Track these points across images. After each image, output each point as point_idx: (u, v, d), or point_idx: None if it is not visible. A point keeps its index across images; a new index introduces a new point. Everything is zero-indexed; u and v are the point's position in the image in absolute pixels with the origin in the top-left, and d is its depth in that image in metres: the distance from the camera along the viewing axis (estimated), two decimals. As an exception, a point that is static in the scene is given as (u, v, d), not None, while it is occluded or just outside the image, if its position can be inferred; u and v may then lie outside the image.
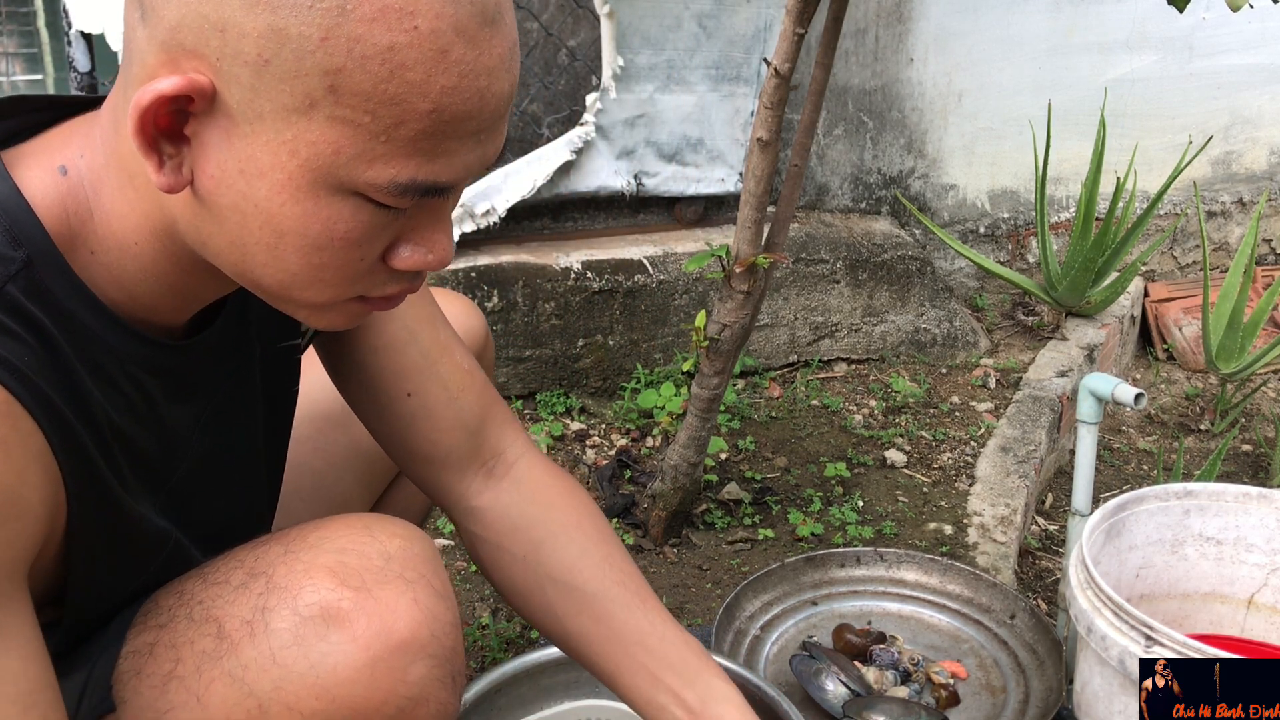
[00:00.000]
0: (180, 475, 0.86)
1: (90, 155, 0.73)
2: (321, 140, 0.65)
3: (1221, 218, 3.35)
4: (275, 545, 0.82)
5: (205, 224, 0.70)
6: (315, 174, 0.67)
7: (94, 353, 0.73)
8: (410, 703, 0.79)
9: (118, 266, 0.74)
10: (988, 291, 2.98)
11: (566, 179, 2.35)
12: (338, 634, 0.77)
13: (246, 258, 0.71)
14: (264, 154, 0.66)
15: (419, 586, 0.80)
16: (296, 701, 0.77)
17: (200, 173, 0.68)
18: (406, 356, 1.01)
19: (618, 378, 2.34)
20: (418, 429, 1.03)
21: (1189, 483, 1.47)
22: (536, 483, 1.07)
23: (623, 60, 2.29)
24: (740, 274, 1.67)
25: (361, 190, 0.68)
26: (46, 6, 2.45)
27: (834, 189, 2.82)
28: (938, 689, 1.45)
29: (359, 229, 0.70)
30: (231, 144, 0.66)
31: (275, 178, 0.67)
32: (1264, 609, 1.46)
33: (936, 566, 1.64)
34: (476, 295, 2.17)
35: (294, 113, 0.65)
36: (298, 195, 0.67)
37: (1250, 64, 3.20)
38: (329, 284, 0.73)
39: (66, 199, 0.72)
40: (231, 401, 0.90)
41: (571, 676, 1.33)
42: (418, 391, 1.02)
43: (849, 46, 2.70)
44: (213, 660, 0.78)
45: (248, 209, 0.68)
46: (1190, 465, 2.43)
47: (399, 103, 0.64)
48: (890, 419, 2.36)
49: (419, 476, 1.06)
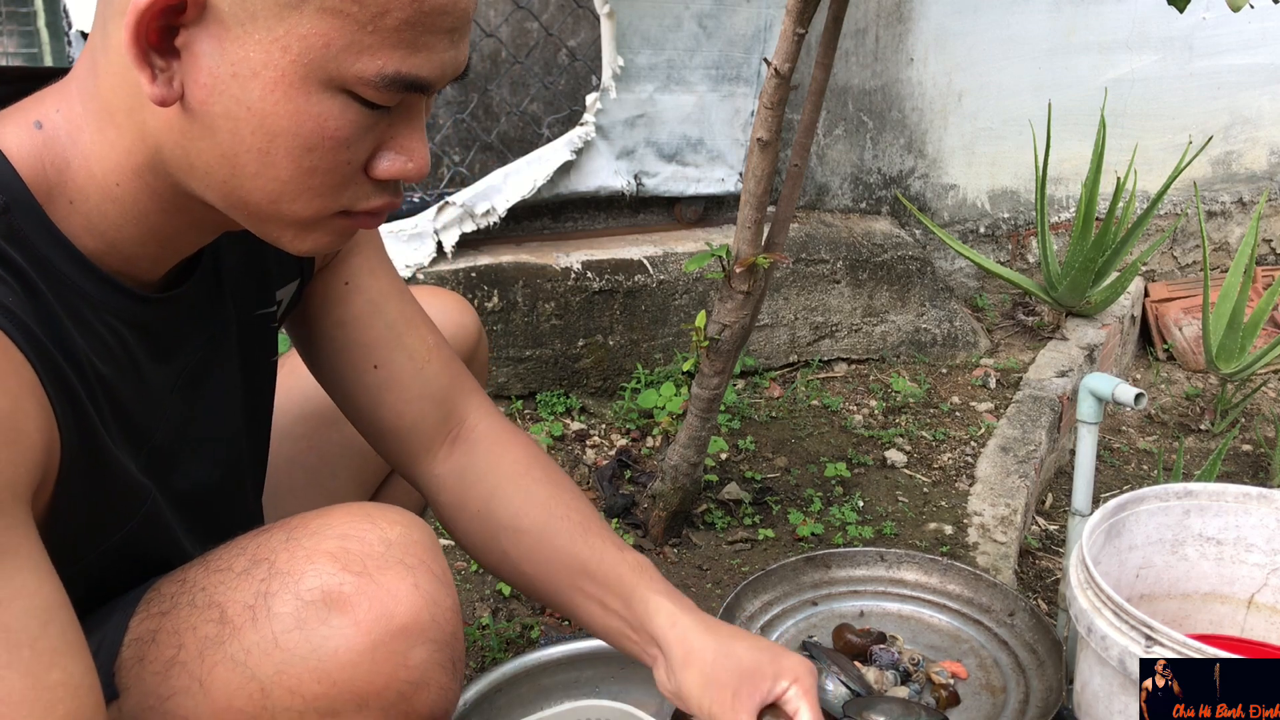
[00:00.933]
0: (159, 436, 0.86)
1: (66, 108, 0.74)
2: (312, 33, 0.68)
3: (1221, 218, 3.35)
4: (278, 532, 0.83)
5: (195, 139, 0.72)
6: (307, 69, 0.69)
7: (74, 301, 0.75)
8: (411, 687, 0.79)
9: (97, 214, 0.75)
10: (988, 291, 2.98)
11: (566, 179, 2.35)
12: (339, 618, 0.77)
13: (237, 170, 0.73)
14: (257, 53, 0.68)
15: (419, 572, 0.81)
16: (298, 685, 0.77)
17: (192, 83, 0.70)
18: (372, 330, 1.03)
19: (618, 378, 2.34)
20: (385, 401, 1.04)
21: (1189, 483, 1.47)
22: (491, 440, 1.08)
23: (623, 60, 2.29)
24: (740, 274, 1.67)
25: (350, 85, 0.70)
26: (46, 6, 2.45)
27: (834, 189, 2.82)
28: (938, 689, 1.45)
29: (347, 127, 0.72)
30: (223, 49, 0.69)
31: (268, 76, 0.69)
32: (1264, 609, 1.46)
33: (936, 566, 1.64)
34: (476, 295, 2.17)
35: (286, 8, 0.67)
36: (290, 93, 0.70)
37: (1250, 64, 3.20)
38: (317, 192, 0.75)
39: (42, 151, 0.74)
40: (208, 367, 0.91)
41: (571, 676, 1.33)
42: (384, 363, 1.03)
43: (849, 46, 2.70)
44: (215, 645, 0.78)
45: (240, 113, 0.70)
46: (1190, 465, 2.43)
47: None
48: (890, 419, 2.36)
49: (388, 451, 1.08)
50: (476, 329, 1.32)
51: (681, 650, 0.96)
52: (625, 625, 1.00)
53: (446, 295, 1.32)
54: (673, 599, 0.99)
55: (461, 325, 1.29)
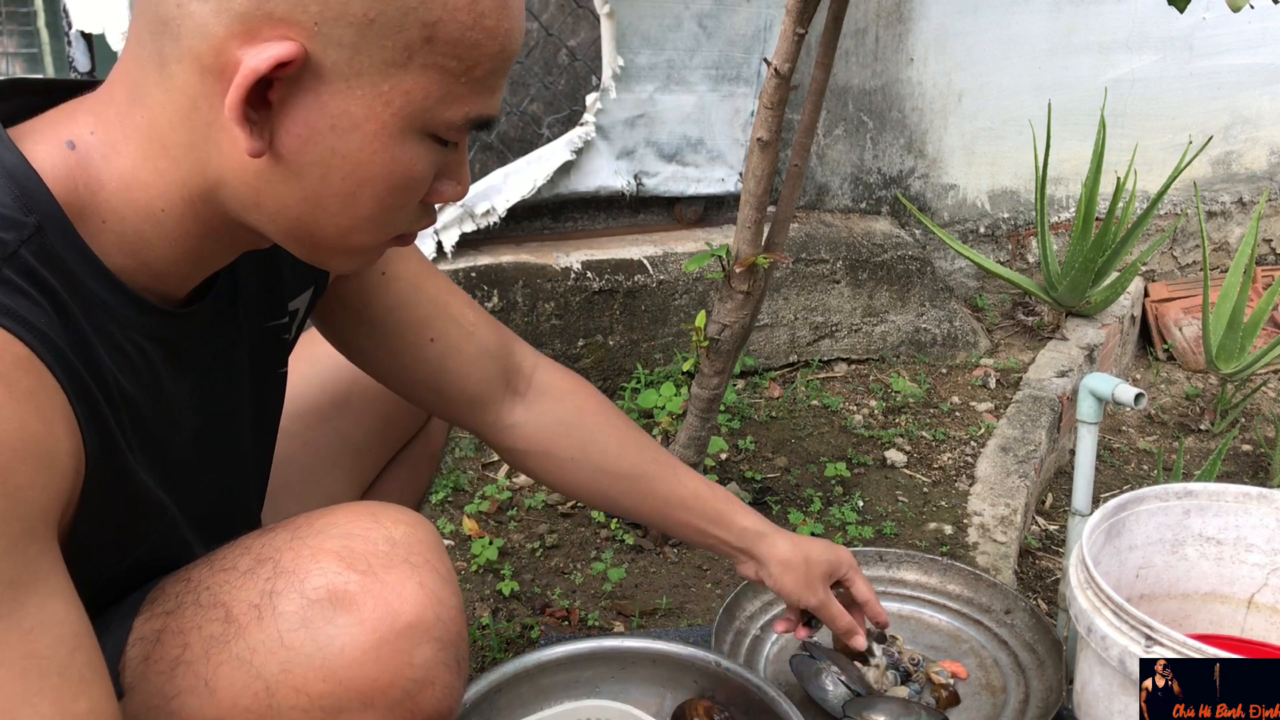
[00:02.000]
0: (177, 450, 0.87)
1: (103, 131, 0.75)
2: (415, 88, 0.72)
3: (1221, 218, 3.35)
4: (282, 532, 0.83)
5: (275, 183, 0.74)
6: (406, 121, 0.73)
7: (101, 319, 0.75)
8: (416, 685, 0.80)
9: (133, 233, 0.76)
10: (988, 291, 2.98)
11: (566, 179, 2.35)
12: (344, 617, 0.78)
13: (316, 210, 0.75)
14: (359, 107, 0.71)
15: (424, 571, 0.81)
16: (304, 684, 0.78)
17: (284, 134, 0.72)
18: (419, 308, 1.08)
19: (618, 378, 2.34)
20: (448, 369, 1.12)
21: (1189, 483, 1.47)
22: (560, 388, 1.21)
23: (623, 60, 2.29)
24: (740, 274, 1.67)
25: (436, 130, 0.75)
26: (46, 6, 2.45)
27: (834, 189, 2.82)
28: (938, 689, 1.45)
29: (428, 168, 0.77)
30: (322, 102, 0.71)
31: (369, 129, 0.72)
32: (1264, 609, 1.45)
33: (936, 566, 1.64)
34: (477, 295, 2.17)
35: (392, 65, 0.70)
36: (388, 143, 0.73)
37: (1250, 64, 3.20)
38: (387, 225, 0.78)
39: (75, 171, 0.74)
40: (221, 380, 0.92)
41: (571, 676, 1.33)
42: (440, 335, 1.10)
43: (849, 46, 2.70)
44: (220, 644, 0.79)
45: (334, 162, 0.73)
46: (1190, 465, 2.43)
47: (477, 46, 0.72)
48: (890, 419, 2.36)
49: (457, 413, 1.17)
50: None
51: (776, 559, 1.27)
52: (721, 543, 1.27)
53: None
54: (759, 521, 1.27)
55: None
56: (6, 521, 0.64)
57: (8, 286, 0.67)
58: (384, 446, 1.32)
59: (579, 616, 1.68)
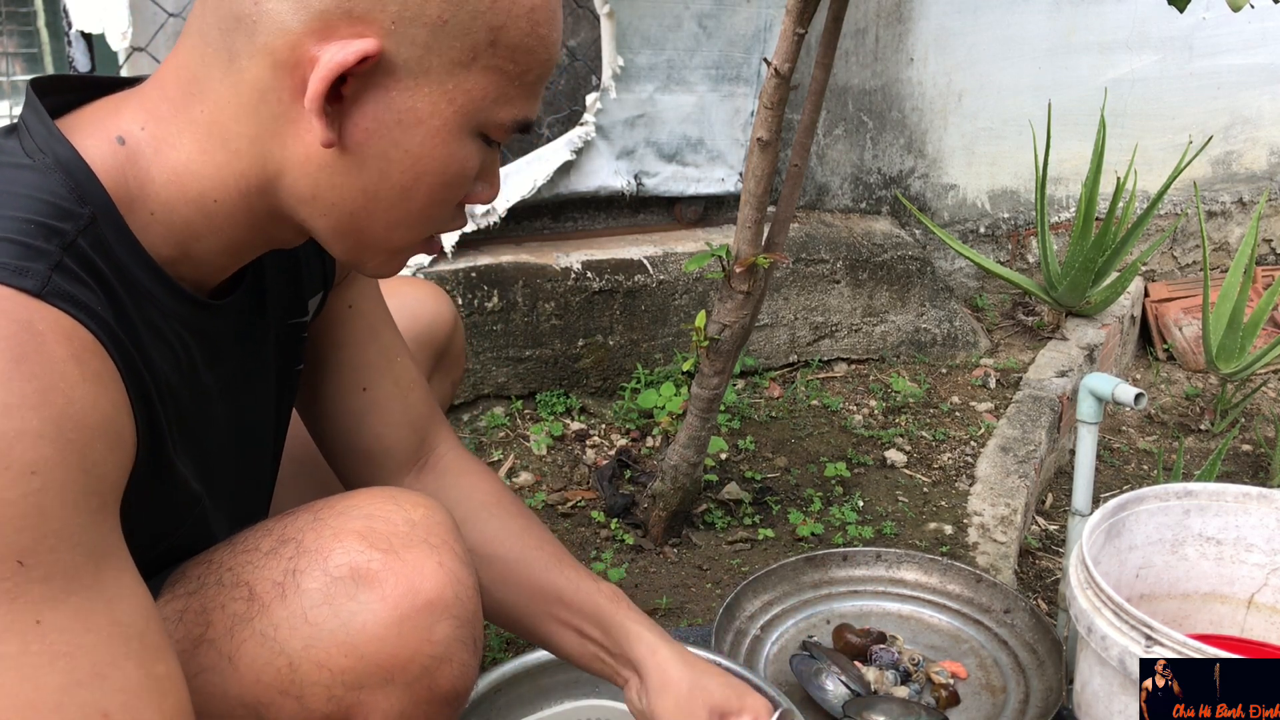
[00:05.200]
0: (211, 441, 0.89)
1: (154, 126, 0.77)
2: (476, 88, 0.76)
3: (1221, 218, 3.35)
4: (303, 514, 0.86)
5: (337, 174, 0.77)
6: (466, 118, 0.77)
7: (147, 308, 0.77)
8: (435, 661, 0.82)
9: (182, 224, 0.78)
10: (988, 291, 2.98)
11: (566, 179, 2.35)
12: (367, 593, 0.80)
13: (371, 203, 0.78)
14: (424, 104, 0.75)
15: (443, 551, 0.83)
16: (327, 659, 0.79)
17: (353, 126, 0.75)
18: (368, 354, 1.07)
19: (618, 378, 2.34)
20: (366, 424, 1.08)
21: (1189, 483, 1.47)
22: (458, 470, 1.13)
23: (623, 60, 2.29)
24: (740, 274, 1.67)
25: (487, 130, 0.79)
26: (46, 6, 2.45)
27: (834, 189, 2.82)
28: (938, 689, 1.45)
29: (475, 166, 0.80)
30: (390, 98, 0.74)
31: (433, 124, 0.76)
32: (1264, 609, 1.46)
33: (936, 566, 1.64)
34: (476, 295, 2.17)
35: (458, 65, 0.75)
36: (447, 139, 0.77)
37: (1250, 64, 3.20)
38: (430, 222, 0.82)
39: (125, 166, 0.76)
40: (250, 373, 0.94)
41: (571, 676, 1.33)
42: (373, 387, 1.08)
43: (849, 46, 2.70)
44: (244, 622, 0.81)
45: (396, 155, 0.76)
46: (1190, 465, 2.43)
47: (532, 52, 0.77)
48: (890, 419, 2.36)
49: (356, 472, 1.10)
50: (453, 317, 1.35)
51: (659, 677, 1.04)
52: (601, 650, 1.07)
53: (422, 284, 1.35)
54: (650, 629, 1.06)
55: (438, 313, 1.32)
56: (87, 496, 0.67)
57: (69, 275, 0.70)
58: None
59: (579, 616, 1.68)
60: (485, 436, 2.14)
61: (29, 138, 0.75)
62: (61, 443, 0.65)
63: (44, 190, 0.72)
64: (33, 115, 0.76)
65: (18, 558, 0.63)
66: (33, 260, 0.68)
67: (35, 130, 0.75)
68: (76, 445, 0.66)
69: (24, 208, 0.70)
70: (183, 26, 0.84)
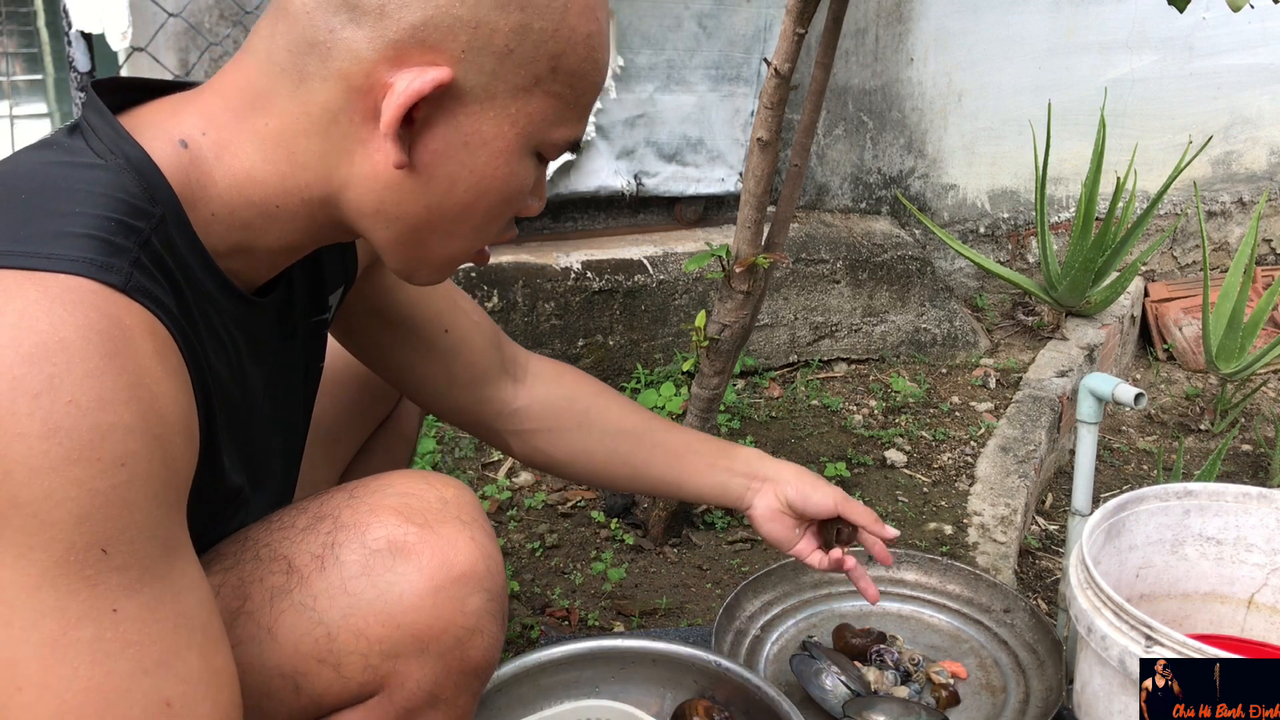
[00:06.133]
0: (255, 435, 0.92)
1: (215, 132, 0.80)
2: (536, 112, 0.80)
3: (1221, 218, 3.35)
4: (339, 494, 0.89)
5: (404, 192, 0.80)
6: (527, 139, 0.81)
7: (205, 307, 0.80)
8: (467, 633, 0.85)
9: (241, 225, 0.82)
10: (988, 291, 2.98)
11: (566, 179, 2.35)
12: (404, 565, 0.83)
13: (435, 218, 0.82)
14: (490, 127, 0.79)
15: (474, 527, 0.87)
16: (365, 628, 0.82)
17: (422, 149, 0.79)
18: (435, 301, 1.16)
19: (618, 378, 2.34)
20: (461, 358, 1.19)
21: (1189, 483, 1.47)
22: (552, 372, 1.28)
23: (623, 60, 2.29)
24: (740, 274, 1.67)
25: (544, 150, 0.83)
26: (46, 6, 2.45)
27: (834, 189, 2.82)
28: (938, 689, 1.45)
29: (530, 183, 0.85)
30: (458, 122, 0.78)
31: (496, 146, 0.80)
32: (1264, 609, 1.46)
33: (936, 566, 1.64)
34: (476, 295, 2.17)
35: (521, 91, 0.79)
36: (509, 159, 0.81)
37: (1250, 64, 3.20)
38: (485, 234, 0.86)
39: (189, 169, 0.79)
40: (286, 370, 0.97)
41: (571, 676, 1.33)
42: (453, 326, 1.18)
43: (849, 46, 2.70)
44: (283, 594, 0.83)
45: (461, 175, 0.80)
46: (1190, 465, 2.43)
47: (587, 76, 0.82)
48: (890, 419, 2.36)
49: (463, 401, 1.22)
50: None
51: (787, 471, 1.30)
52: (731, 474, 1.29)
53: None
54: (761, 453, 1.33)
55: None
56: (167, 489, 0.70)
57: (145, 272, 0.72)
58: (357, 430, 1.37)
59: (579, 616, 1.68)
60: (485, 436, 2.14)
61: (95, 138, 0.77)
62: (148, 437, 0.67)
63: (119, 189, 0.74)
64: (97, 116, 0.78)
65: (102, 546, 0.66)
66: (115, 256, 0.70)
67: (101, 131, 0.77)
68: (161, 440, 0.69)
69: (104, 206, 0.72)
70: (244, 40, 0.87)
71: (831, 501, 1.28)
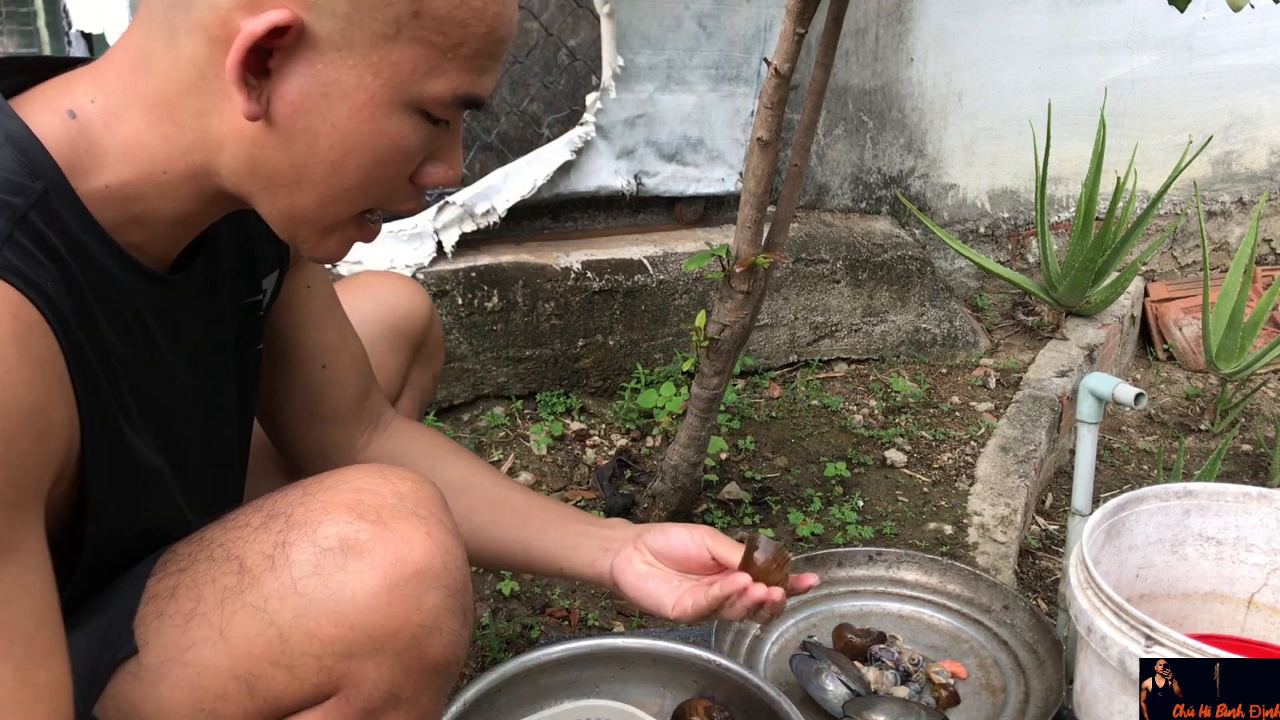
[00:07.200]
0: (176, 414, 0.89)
1: (103, 98, 0.78)
2: (402, 60, 0.75)
3: (1221, 218, 3.35)
4: (293, 490, 0.87)
5: (268, 149, 0.77)
6: (394, 92, 0.76)
7: (102, 284, 0.78)
8: (424, 630, 0.82)
9: (134, 195, 0.79)
10: (988, 291, 2.98)
11: (566, 179, 2.35)
12: (356, 563, 0.81)
13: (302, 177, 0.78)
14: (350, 77, 0.75)
15: (431, 522, 0.84)
16: (317, 629, 0.80)
17: (279, 100, 0.75)
18: (327, 332, 1.11)
19: (618, 378, 2.34)
20: (327, 397, 1.14)
21: (1189, 483, 1.47)
22: (411, 428, 1.23)
23: (623, 60, 2.29)
24: (740, 274, 1.67)
25: (425, 105, 0.78)
26: (46, 6, 2.45)
27: (834, 189, 2.82)
28: (938, 689, 1.45)
29: (414, 144, 0.80)
30: (316, 71, 0.75)
31: (358, 98, 0.76)
32: (1264, 609, 1.46)
33: (936, 566, 1.64)
34: (476, 295, 2.17)
35: (381, 38, 0.74)
36: (376, 113, 0.77)
37: (1250, 64, 3.20)
38: (367, 197, 0.81)
39: (77, 139, 0.77)
40: (210, 350, 0.95)
41: (571, 676, 1.33)
42: (332, 363, 1.13)
43: (849, 46, 2.70)
44: (235, 595, 0.81)
45: (322, 129, 0.76)
46: (1190, 465, 2.43)
47: (464, 25, 0.76)
48: (890, 419, 2.36)
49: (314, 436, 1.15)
50: (428, 308, 1.37)
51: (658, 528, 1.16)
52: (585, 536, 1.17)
53: (396, 277, 1.38)
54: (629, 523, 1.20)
55: (413, 304, 1.35)
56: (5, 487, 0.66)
57: (19, 250, 0.69)
58: None
59: (579, 616, 1.68)
60: (485, 436, 2.14)
61: None
62: None
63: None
64: None
65: None
66: None
67: None
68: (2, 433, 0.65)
69: None
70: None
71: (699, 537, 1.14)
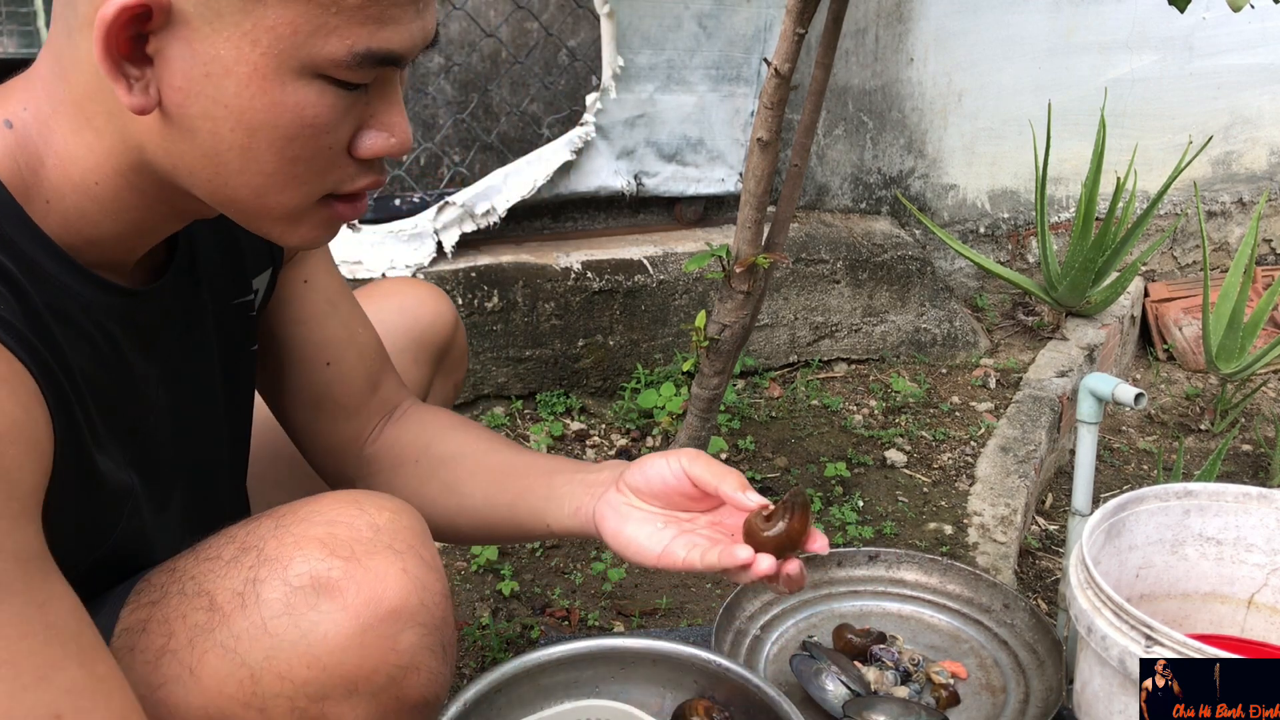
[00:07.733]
0: (146, 428, 0.87)
1: (34, 107, 0.74)
2: (279, 22, 0.69)
3: (1221, 218, 3.35)
4: (266, 520, 0.83)
5: (176, 141, 0.73)
6: (279, 59, 0.70)
7: (60, 301, 0.75)
8: (401, 670, 0.79)
9: (75, 211, 0.75)
10: (988, 291, 2.98)
11: (566, 179, 2.35)
12: (328, 603, 0.77)
13: (220, 168, 0.73)
14: (227, 50, 0.69)
15: (408, 557, 0.81)
16: (288, 670, 0.77)
17: (167, 88, 0.70)
18: (329, 328, 1.07)
19: (618, 378, 2.34)
20: (333, 395, 1.09)
21: (1189, 483, 1.47)
22: (417, 412, 1.16)
23: (623, 60, 2.29)
24: (740, 274, 1.67)
25: (323, 69, 0.71)
26: (46, 6, 2.45)
27: (834, 189, 2.82)
28: (938, 689, 1.45)
29: (326, 112, 0.73)
30: (194, 50, 0.69)
31: (241, 71, 0.70)
32: (1264, 609, 1.45)
33: (936, 566, 1.64)
34: (476, 295, 2.17)
35: (249, 2, 0.68)
36: (265, 85, 0.70)
37: (1250, 64, 3.20)
38: (301, 180, 0.75)
39: (15, 151, 0.74)
40: (189, 357, 0.92)
41: (571, 676, 1.33)
42: (337, 360, 1.08)
43: (849, 46, 2.70)
44: (205, 633, 0.78)
45: (218, 112, 0.71)
46: (1190, 465, 2.43)
47: None
48: (890, 419, 2.36)
49: (323, 431, 1.11)
50: (453, 318, 1.34)
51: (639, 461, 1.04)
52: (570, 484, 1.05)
53: (422, 285, 1.34)
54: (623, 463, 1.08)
55: (438, 314, 1.31)
56: (7, 502, 0.65)
57: None
58: None
59: (579, 616, 1.68)
60: (485, 436, 2.14)
61: None
62: None
63: None
64: None
65: None
66: None
67: None
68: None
69: None
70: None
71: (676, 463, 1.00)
